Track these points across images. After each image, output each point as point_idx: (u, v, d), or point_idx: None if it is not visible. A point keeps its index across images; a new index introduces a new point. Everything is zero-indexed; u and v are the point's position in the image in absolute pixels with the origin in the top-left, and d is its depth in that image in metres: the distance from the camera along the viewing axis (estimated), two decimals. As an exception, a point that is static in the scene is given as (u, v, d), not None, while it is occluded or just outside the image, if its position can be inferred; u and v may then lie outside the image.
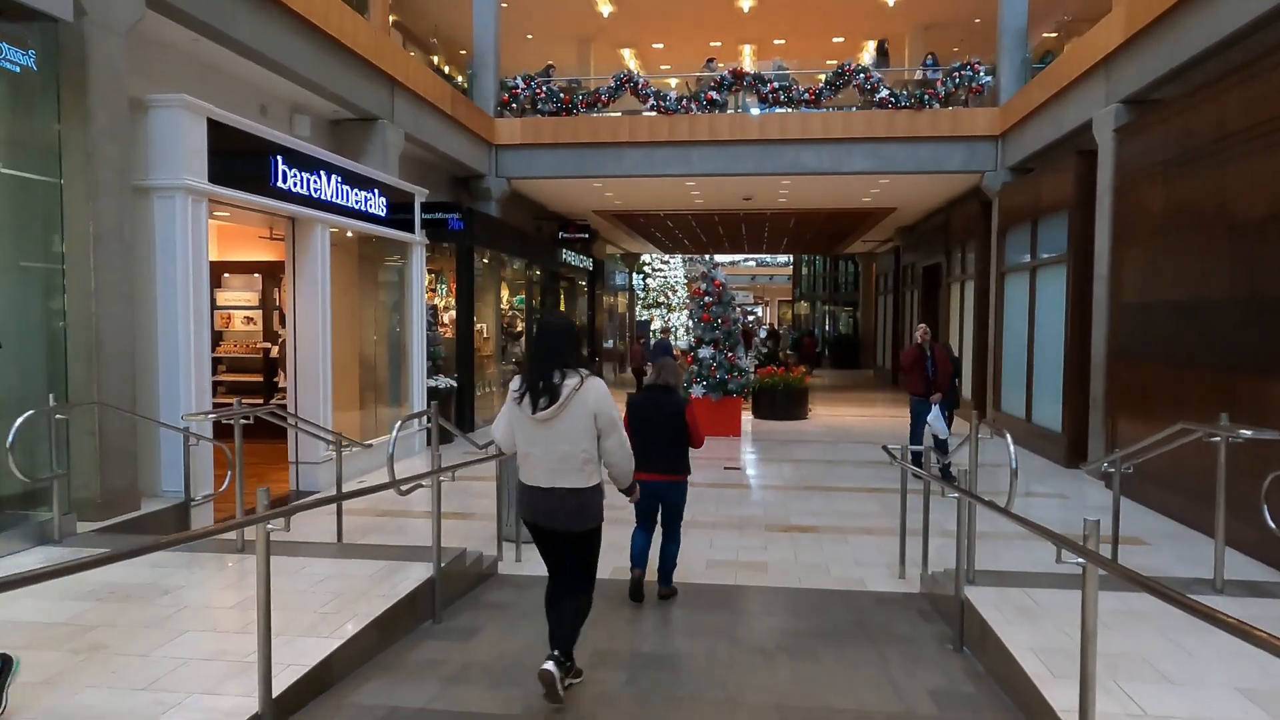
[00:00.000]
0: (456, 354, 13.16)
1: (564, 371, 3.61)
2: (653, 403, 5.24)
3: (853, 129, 14.09)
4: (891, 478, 9.79)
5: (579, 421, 3.62)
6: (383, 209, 10.16)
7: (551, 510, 3.68)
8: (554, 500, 3.66)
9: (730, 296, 13.40)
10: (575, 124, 14.63)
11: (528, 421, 3.65)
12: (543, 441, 3.64)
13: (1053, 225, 11.35)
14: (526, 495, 3.75)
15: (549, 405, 3.58)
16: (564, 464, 3.64)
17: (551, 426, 3.61)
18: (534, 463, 3.69)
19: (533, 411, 3.61)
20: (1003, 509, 4.05)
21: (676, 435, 5.22)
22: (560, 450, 3.63)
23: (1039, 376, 11.77)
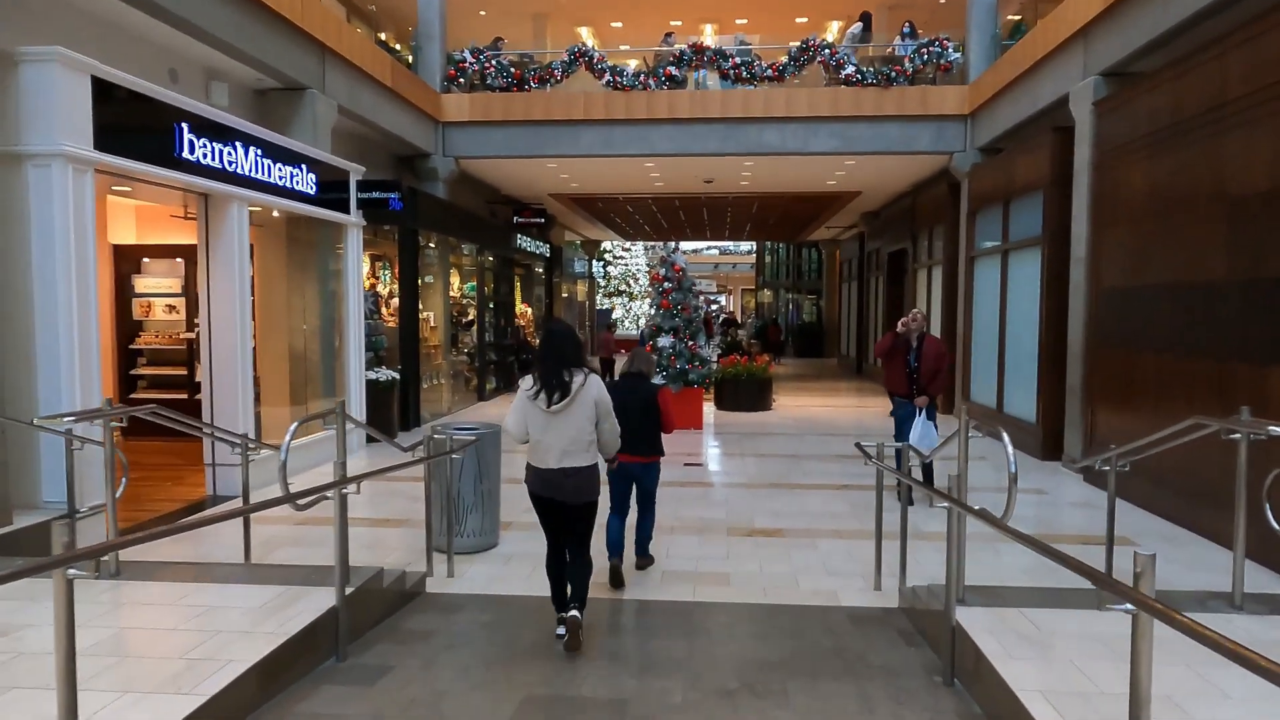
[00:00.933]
0: (400, 345, 12.34)
1: (570, 371, 4.30)
2: (628, 389, 5.64)
3: (818, 107, 13.49)
4: (860, 473, 9.26)
5: (585, 410, 4.33)
6: (312, 186, 9.31)
7: (565, 487, 4.34)
8: (567, 478, 4.32)
9: (691, 283, 12.74)
10: (527, 100, 13.84)
11: (541, 414, 4.32)
12: (554, 429, 4.31)
13: (1026, 206, 10.86)
14: (539, 475, 4.39)
15: (562, 399, 4.26)
16: (573, 446, 4.31)
17: (563, 417, 4.30)
18: (546, 448, 4.33)
19: (547, 406, 4.28)
20: (1014, 530, 3.42)
21: (650, 420, 5.62)
22: (570, 435, 4.30)
23: (1011, 365, 11.31)
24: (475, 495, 6.17)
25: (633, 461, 5.55)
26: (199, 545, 6.05)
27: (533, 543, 6.45)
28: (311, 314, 10.08)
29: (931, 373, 7.79)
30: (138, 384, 11.30)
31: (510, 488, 8.22)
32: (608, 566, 5.45)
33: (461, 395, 15.52)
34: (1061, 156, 9.72)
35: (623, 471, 5.55)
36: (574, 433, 4.31)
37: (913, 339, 7.86)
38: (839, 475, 9.16)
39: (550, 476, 4.35)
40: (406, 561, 5.94)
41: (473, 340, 15.94)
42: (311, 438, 9.62)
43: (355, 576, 4.53)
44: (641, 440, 5.56)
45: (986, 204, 12.40)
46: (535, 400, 4.31)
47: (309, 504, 4.35)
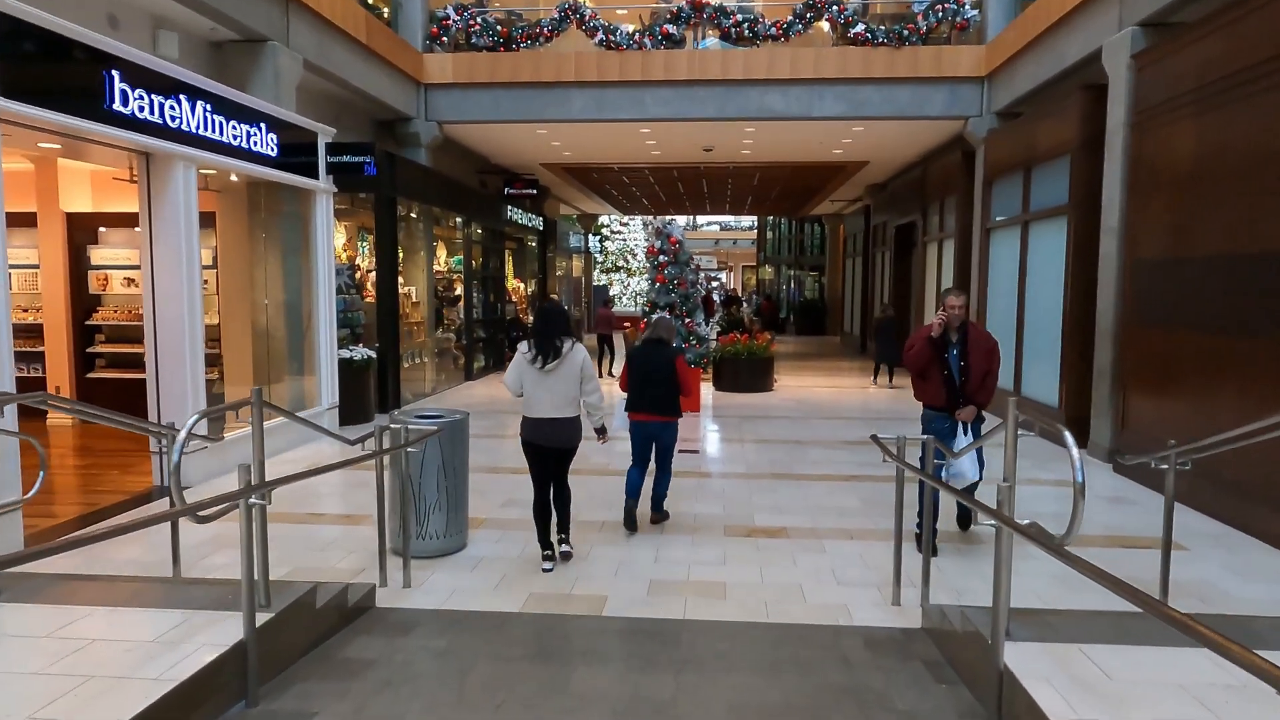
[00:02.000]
0: (378, 321, 11.58)
1: (560, 339, 5.20)
2: (649, 355, 6.19)
3: (824, 69, 12.62)
4: (870, 462, 8.54)
5: (572, 371, 5.22)
6: (273, 148, 8.50)
7: (553, 434, 5.25)
8: (554, 426, 5.24)
9: (687, 256, 11.97)
10: (515, 61, 12.97)
11: (536, 373, 5.21)
12: (546, 386, 5.21)
13: (1050, 173, 10.06)
14: (533, 425, 5.28)
15: (554, 359, 5.16)
16: (560, 400, 5.21)
17: (553, 376, 5.19)
18: (540, 401, 5.22)
19: (541, 366, 5.17)
20: (1085, 563, 2.68)
21: (669, 383, 6.07)
22: (558, 391, 5.21)
23: (1030, 344, 10.55)
24: (438, 492, 5.44)
25: (651, 420, 6.16)
26: (125, 549, 5.34)
27: (506, 544, 5.74)
28: (278, 288, 9.31)
29: (982, 375, 5.69)
30: (95, 363, 10.56)
31: (485, 478, 7.57)
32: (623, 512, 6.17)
33: (448, 374, 14.78)
34: (1092, 117, 8.91)
35: (642, 430, 6.19)
36: (562, 389, 5.23)
37: (952, 334, 5.72)
38: (847, 464, 8.44)
39: (540, 425, 5.27)
40: (360, 568, 5.23)
41: (459, 317, 15.17)
42: (281, 420, 8.90)
43: (283, 595, 3.81)
44: (660, 401, 6.09)
45: (1004, 172, 11.59)
46: (532, 362, 5.25)
47: (213, 514, 3.60)
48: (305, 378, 9.69)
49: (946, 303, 5.69)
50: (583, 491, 7.19)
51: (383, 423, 5.09)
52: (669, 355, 6.12)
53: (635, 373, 6.11)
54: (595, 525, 6.23)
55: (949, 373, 5.71)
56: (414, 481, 5.38)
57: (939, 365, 5.70)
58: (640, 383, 6.05)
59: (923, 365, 5.73)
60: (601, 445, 5.81)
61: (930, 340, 5.69)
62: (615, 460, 8.47)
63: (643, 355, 6.19)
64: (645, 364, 6.09)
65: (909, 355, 5.83)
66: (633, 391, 6.14)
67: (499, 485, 7.49)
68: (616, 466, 8.19)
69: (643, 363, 6.10)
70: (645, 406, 6.05)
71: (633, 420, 6.21)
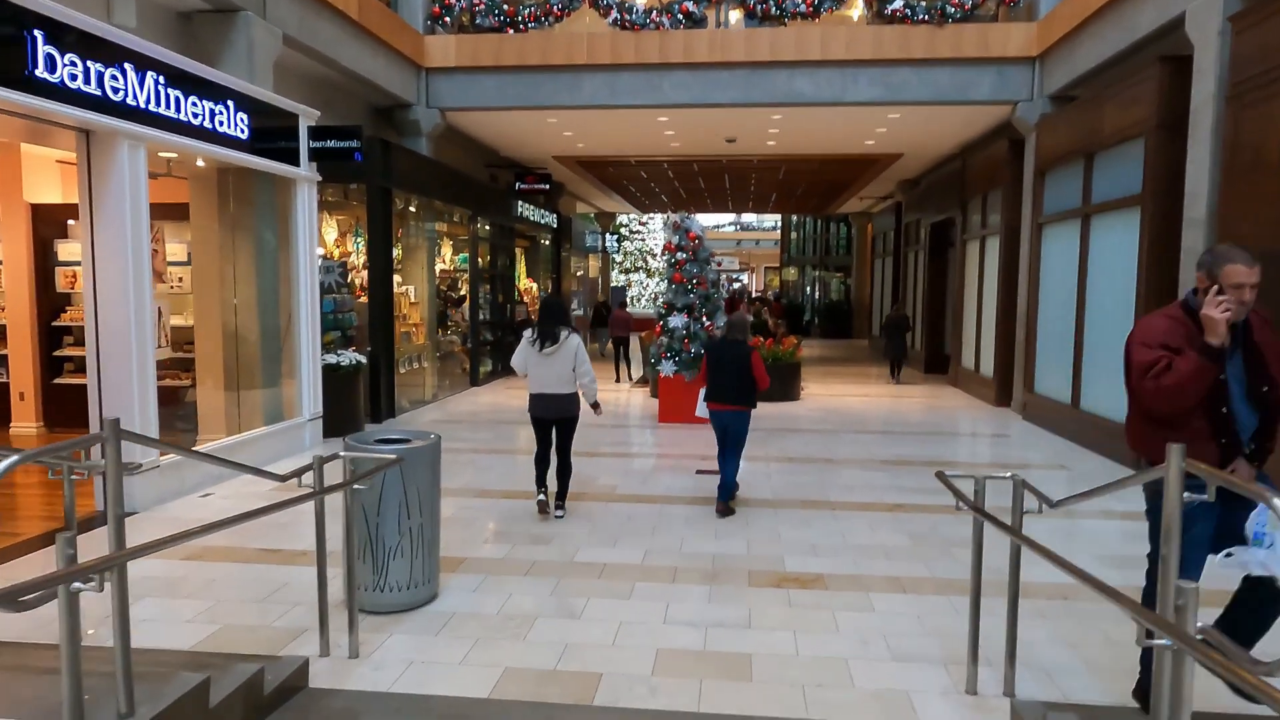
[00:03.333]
0: (370, 322, 10.66)
1: (558, 328, 6.19)
2: (725, 350, 6.68)
3: (858, 49, 11.56)
4: (916, 487, 7.48)
5: (567, 355, 6.18)
6: (243, 129, 7.59)
7: (552, 405, 6.26)
8: (555, 400, 6.24)
9: (708, 253, 10.94)
10: (522, 42, 12.01)
11: (537, 355, 6.20)
12: (546, 366, 6.19)
13: (1118, 159, 8.94)
14: (536, 399, 6.28)
15: (551, 345, 6.15)
16: (557, 379, 6.19)
17: (552, 359, 6.17)
18: (542, 378, 6.21)
19: (540, 350, 6.18)
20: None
21: (743, 376, 6.52)
22: (555, 372, 6.18)
23: (1093, 352, 9.42)
24: (400, 535, 4.46)
25: (725, 409, 6.66)
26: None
27: (485, 594, 4.76)
28: (254, 286, 8.41)
29: None
30: (63, 367, 9.71)
31: (472, 505, 6.56)
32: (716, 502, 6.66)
33: (452, 380, 13.87)
34: (1172, 93, 7.81)
35: (719, 419, 6.71)
36: (559, 370, 6.13)
37: (1236, 339, 3.21)
38: (889, 489, 7.38)
39: (542, 399, 6.22)
40: (302, 628, 4.26)
41: (464, 318, 14.24)
42: (257, 432, 7.99)
43: (159, 694, 2.84)
44: (733, 392, 6.59)
45: (1060, 161, 10.46)
46: (534, 346, 6.16)
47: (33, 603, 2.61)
48: (284, 385, 8.77)
49: (1231, 276, 3.09)
50: (585, 523, 6.21)
51: (325, 452, 4.12)
52: (744, 351, 6.63)
53: (713, 365, 6.74)
54: (594, 570, 5.23)
55: (1228, 409, 3.17)
56: (369, 523, 4.40)
57: (1214, 396, 3.15)
58: (717, 375, 6.66)
59: (1194, 398, 3.12)
60: (598, 417, 6.79)
61: (1208, 353, 3.07)
62: (624, 482, 7.46)
63: (720, 350, 6.76)
64: (722, 358, 6.67)
65: (1163, 386, 3.14)
66: (712, 383, 6.70)
67: (489, 513, 6.51)
68: (624, 490, 7.19)
69: (720, 357, 6.70)
70: (721, 397, 6.65)
71: (711, 410, 6.76)
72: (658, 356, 10.78)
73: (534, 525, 6.19)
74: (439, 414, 11.48)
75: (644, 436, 9.98)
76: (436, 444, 4.71)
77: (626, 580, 5.05)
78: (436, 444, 4.71)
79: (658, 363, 10.78)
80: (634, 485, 7.45)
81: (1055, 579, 4.28)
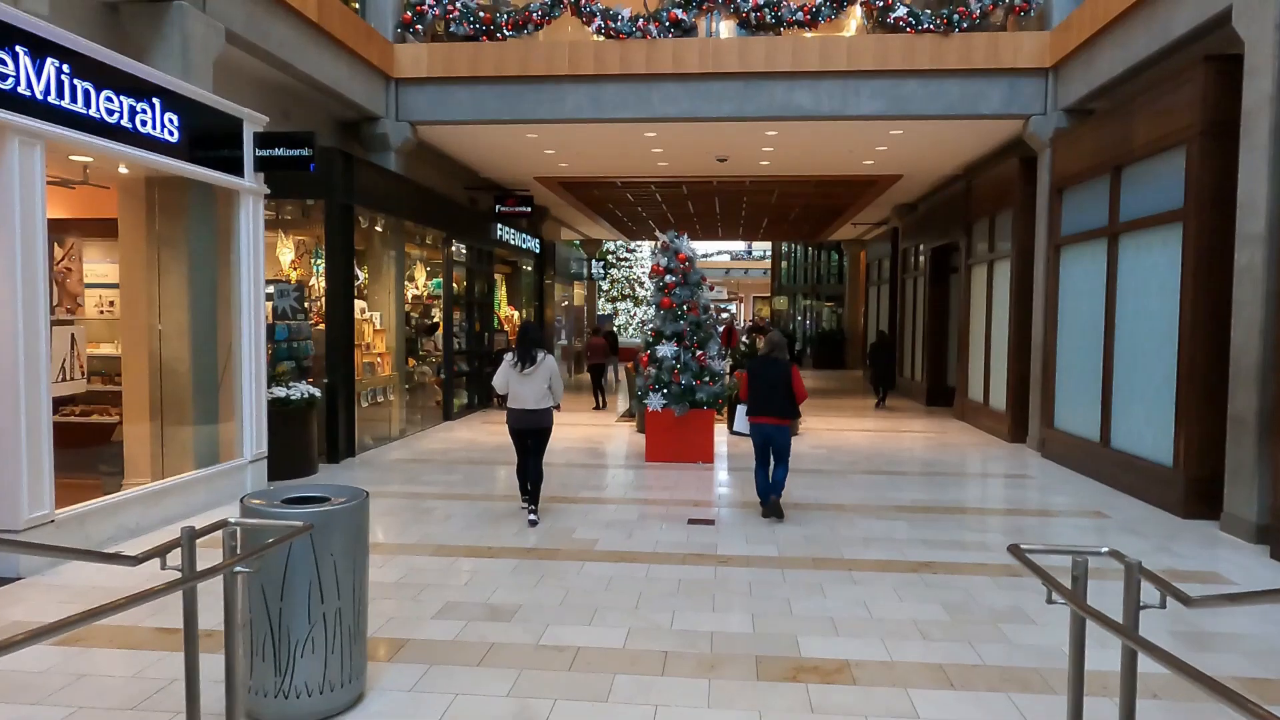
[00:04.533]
0: (327, 352, 9.66)
1: (535, 351, 6.92)
2: (766, 366, 7.21)
3: (860, 59, 10.79)
4: (947, 541, 6.51)
5: (543, 374, 6.90)
6: (172, 131, 6.66)
7: (529, 419, 6.93)
8: (531, 415, 6.92)
9: (699, 276, 10.04)
10: (500, 51, 11.19)
11: (517, 375, 6.90)
12: (524, 385, 6.88)
13: (1153, 172, 8.12)
14: (515, 414, 6.95)
15: (530, 366, 6.86)
16: (534, 396, 6.88)
17: (529, 378, 6.87)
18: (520, 395, 6.90)
19: (520, 370, 6.88)
20: None
21: (784, 392, 7.07)
22: (532, 389, 6.88)
23: (1125, 383, 8.53)
24: (311, 622, 3.46)
25: (767, 422, 7.09)
26: None
27: (425, 695, 3.73)
28: (186, 310, 7.42)
29: None
30: None
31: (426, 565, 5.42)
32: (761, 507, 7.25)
33: (424, 413, 12.86)
34: (1219, 96, 7.01)
35: (761, 431, 7.11)
36: (535, 387, 6.90)
37: None
38: (911, 543, 6.40)
39: (520, 413, 6.96)
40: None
41: (437, 347, 13.26)
42: (187, 476, 6.96)
43: None
44: (774, 407, 7.04)
45: (1081, 177, 9.66)
46: (514, 367, 6.94)
47: None
48: (222, 422, 7.75)
49: None
50: (558, 588, 5.21)
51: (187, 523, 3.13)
52: (784, 367, 7.16)
53: (755, 382, 7.19)
54: (565, 657, 4.22)
55: None
56: (269, 609, 3.40)
57: None
58: (759, 391, 7.13)
59: None
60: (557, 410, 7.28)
61: None
62: (605, 536, 6.46)
63: (762, 367, 7.24)
64: (765, 375, 7.15)
65: None
66: (753, 398, 7.15)
67: (444, 576, 5.49)
68: (605, 545, 6.19)
69: (763, 374, 7.18)
70: (763, 411, 7.10)
71: (752, 423, 7.19)
72: (644, 389, 9.81)
73: (496, 592, 5.19)
74: (405, 452, 10.46)
75: (629, 479, 8.99)
76: (362, 504, 3.72)
77: (605, 671, 4.05)
78: (362, 504, 3.72)
79: (644, 395, 9.81)
80: (616, 539, 6.46)
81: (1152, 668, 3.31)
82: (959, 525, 7.01)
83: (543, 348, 7.03)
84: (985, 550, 6.21)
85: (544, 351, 6.97)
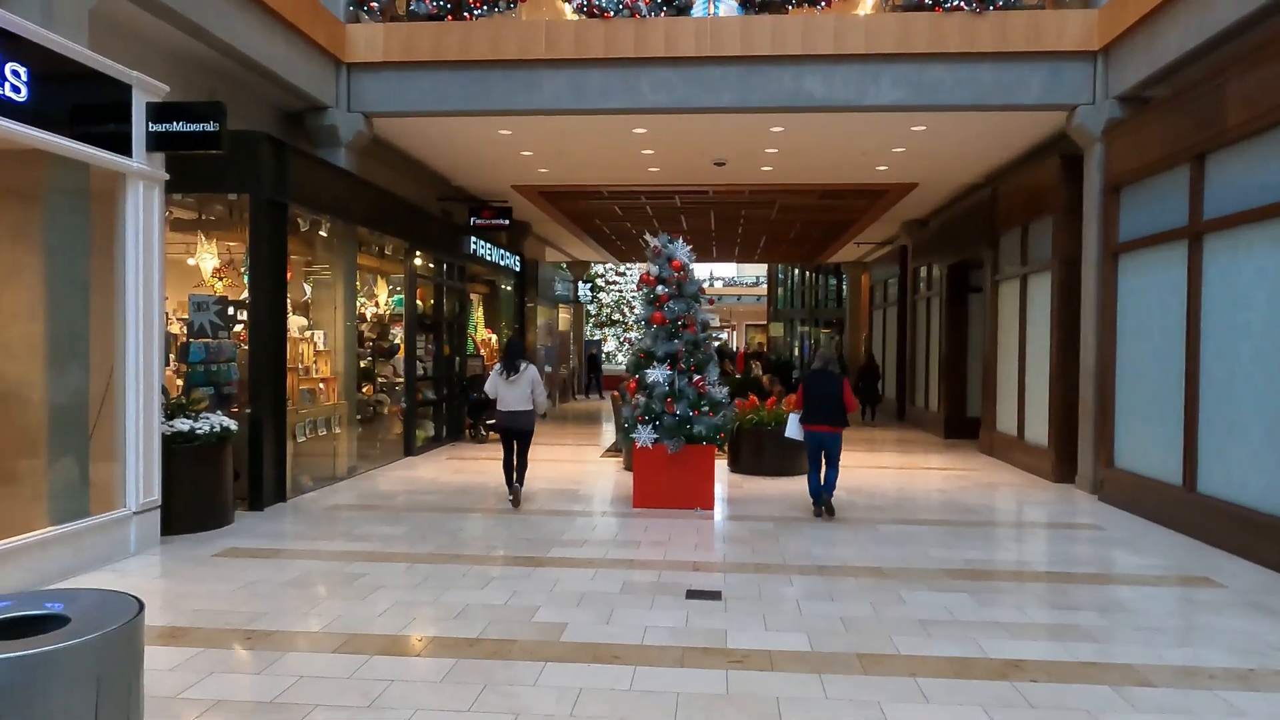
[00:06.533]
0: (250, 376, 8.06)
1: (519, 361, 8.18)
2: (821, 380, 7.90)
3: (880, 41, 9.40)
4: (1021, 621, 4.93)
5: (525, 382, 8.14)
6: (16, 88, 5.13)
7: (515, 420, 8.18)
8: (516, 416, 8.17)
9: (696, 286, 8.51)
10: (467, 33, 9.75)
11: (504, 382, 8.15)
12: (510, 390, 8.14)
13: (1252, 156, 6.67)
14: (504, 415, 8.21)
15: (514, 374, 8.11)
16: (519, 400, 8.13)
17: (514, 385, 8.12)
18: (506, 399, 8.15)
19: (506, 378, 8.14)
20: None
21: (836, 402, 7.79)
22: (517, 394, 8.13)
23: (1218, 414, 7.00)
24: None
25: (822, 430, 7.83)
26: None
27: None
28: (43, 322, 5.84)
29: None
30: None
31: (313, 667, 4.15)
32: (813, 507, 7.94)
33: (383, 447, 11.27)
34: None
35: (816, 438, 7.87)
36: (520, 393, 8.13)
37: None
38: (985, 629, 4.81)
39: (507, 415, 8.18)
40: None
41: (397, 372, 11.67)
42: (39, 535, 5.32)
43: None
44: (829, 416, 7.80)
45: (1145, 172, 8.23)
46: (500, 375, 8.18)
47: None
48: (98, 462, 6.13)
49: None
50: (504, 711, 3.59)
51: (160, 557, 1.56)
52: (837, 380, 7.86)
53: (810, 393, 7.89)
54: None
55: None
56: None
57: None
58: (813, 401, 7.84)
59: None
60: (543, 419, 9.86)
61: None
62: (576, 618, 4.83)
63: (817, 380, 7.91)
64: (820, 387, 7.85)
65: None
66: (809, 408, 7.86)
67: (341, 692, 3.86)
68: (575, 634, 4.57)
69: (817, 386, 7.87)
70: (818, 419, 7.81)
71: (808, 431, 7.88)
72: (632, 420, 8.23)
73: (417, 713, 3.57)
74: (350, 495, 8.83)
75: (611, 531, 7.39)
76: (129, 629, 2.12)
77: None
78: (129, 629, 2.12)
79: (632, 428, 8.22)
80: (591, 623, 4.85)
81: None
82: (1038, 599, 5.43)
83: (526, 359, 8.38)
84: (1090, 641, 4.62)
85: (527, 362, 8.28)
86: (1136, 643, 4.62)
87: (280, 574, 5.78)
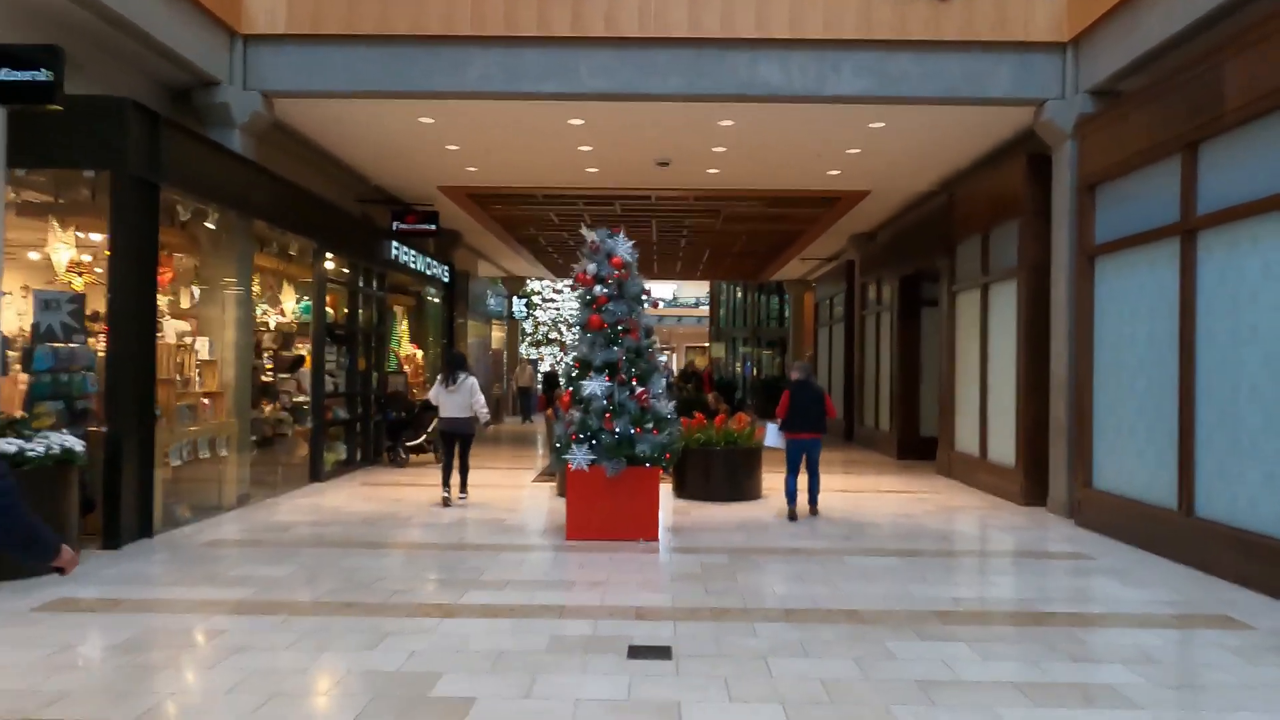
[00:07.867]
0: (107, 388, 6.76)
1: (458, 372, 8.93)
2: (806, 390, 8.34)
3: (841, 25, 8.66)
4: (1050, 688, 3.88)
5: (464, 391, 8.86)
6: None
7: (456, 426, 8.91)
8: (457, 422, 8.90)
9: (639, 286, 7.55)
10: (384, 5, 8.67)
11: (445, 392, 8.89)
12: (450, 398, 8.86)
13: (1254, 141, 6.02)
14: (445, 421, 8.96)
15: (453, 383, 8.86)
16: (458, 407, 8.86)
17: (454, 394, 8.85)
18: (447, 406, 8.89)
19: (446, 388, 8.88)
20: None
21: (818, 410, 8.34)
22: (457, 402, 8.84)
23: (1219, 430, 6.29)
24: None
25: (805, 437, 8.30)
26: None
27: None
28: None
29: None
30: None
31: None
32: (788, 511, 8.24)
33: (285, 471, 9.97)
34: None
35: (799, 445, 8.30)
36: (459, 400, 8.84)
37: None
38: (998, 690, 3.88)
39: (452, 421, 8.89)
40: None
41: (302, 387, 10.38)
42: None
43: None
44: (810, 422, 8.29)
45: (1126, 166, 7.60)
46: (442, 384, 8.95)
47: None
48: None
49: None
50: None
51: None
52: (819, 390, 8.50)
53: (794, 401, 8.29)
54: None
55: None
56: None
57: None
58: (798, 408, 8.29)
59: None
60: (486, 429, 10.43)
61: None
62: (490, 687, 3.72)
63: (802, 390, 8.35)
64: (804, 397, 8.31)
65: None
66: (793, 416, 8.30)
67: None
68: (488, 709, 3.50)
69: (802, 396, 8.31)
70: (802, 427, 8.29)
71: (789, 438, 8.34)
72: (566, 439, 7.16)
73: None
74: (236, 528, 7.55)
75: (540, 568, 6.31)
76: None
77: None
78: None
79: (565, 448, 7.15)
80: (504, 698, 3.77)
81: None
82: (1049, 648, 4.53)
83: (464, 370, 9.07)
84: (1129, 708, 3.73)
85: (466, 373, 9.02)
86: (1185, 706, 3.76)
87: (112, 634, 4.55)
